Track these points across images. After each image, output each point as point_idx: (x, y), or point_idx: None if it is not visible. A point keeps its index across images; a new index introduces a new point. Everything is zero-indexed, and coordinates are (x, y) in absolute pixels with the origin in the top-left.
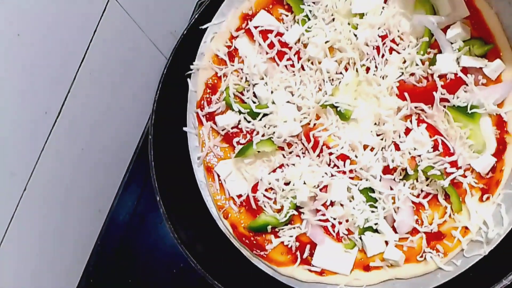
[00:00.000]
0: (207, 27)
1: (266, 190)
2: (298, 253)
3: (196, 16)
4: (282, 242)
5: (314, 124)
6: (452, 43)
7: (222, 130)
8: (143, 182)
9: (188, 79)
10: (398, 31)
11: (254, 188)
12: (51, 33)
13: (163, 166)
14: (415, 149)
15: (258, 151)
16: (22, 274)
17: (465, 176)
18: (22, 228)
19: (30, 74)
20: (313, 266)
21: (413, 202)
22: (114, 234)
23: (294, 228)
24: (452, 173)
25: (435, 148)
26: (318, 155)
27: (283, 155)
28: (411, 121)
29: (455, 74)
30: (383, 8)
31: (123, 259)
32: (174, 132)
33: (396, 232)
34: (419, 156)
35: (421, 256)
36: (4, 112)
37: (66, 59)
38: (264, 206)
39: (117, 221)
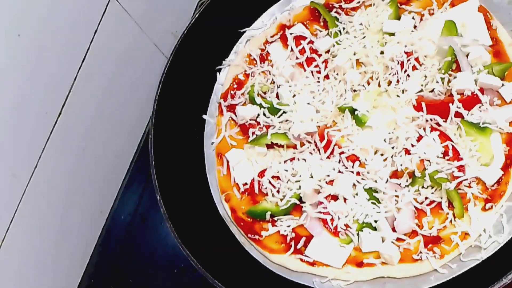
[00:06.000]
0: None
1: (272, 177)
2: (292, 243)
3: (196, 16)
4: (278, 232)
5: (330, 126)
6: (472, 67)
7: (241, 120)
8: (145, 183)
9: (218, 73)
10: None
11: (261, 174)
12: (51, 33)
13: (164, 166)
14: (425, 153)
15: (272, 142)
16: (23, 275)
17: (471, 187)
18: (22, 229)
19: (31, 75)
20: (305, 256)
21: (415, 208)
22: (115, 234)
23: (292, 219)
24: (459, 177)
25: (445, 154)
26: (329, 156)
27: (294, 153)
28: (424, 129)
29: (472, 93)
30: (412, 31)
31: (124, 259)
32: (174, 132)
33: (394, 232)
34: (428, 160)
35: (417, 255)
36: (5, 112)
37: (66, 59)
38: (267, 193)
39: (118, 222)
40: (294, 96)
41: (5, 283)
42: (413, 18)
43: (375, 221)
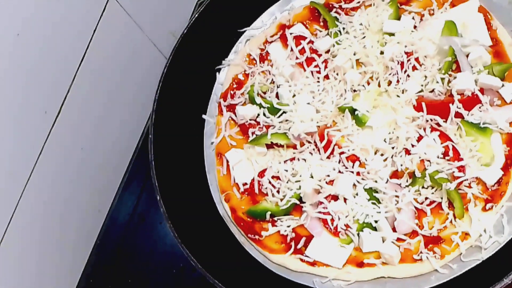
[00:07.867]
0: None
1: (272, 177)
2: (292, 243)
3: (196, 16)
4: (278, 232)
5: (330, 126)
6: (472, 67)
7: (240, 120)
8: (143, 182)
9: (217, 73)
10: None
11: (261, 174)
12: (50, 32)
13: (163, 165)
14: (425, 153)
15: (272, 142)
16: (21, 274)
17: (471, 187)
18: (21, 228)
19: (30, 74)
20: (305, 256)
21: (416, 208)
22: (114, 234)
23: (292, 219)
24: (459, 177)
25: (445, 154)
26: (329, 156)
27: (294, 153)
28: (424, 130)
29: (472, 93)
30: (412, 31)
31: (123, 259)
32: (174, 132)
33: (395, 232)
34: (428, 161)
35: (418, 255)
36: (4, 111)
37: (66, 58)
38: (267, 193)
39: (116, 221)
40: (294, 96)
41: (4, 282)
42: (413, 18)
43: (376, 221)
